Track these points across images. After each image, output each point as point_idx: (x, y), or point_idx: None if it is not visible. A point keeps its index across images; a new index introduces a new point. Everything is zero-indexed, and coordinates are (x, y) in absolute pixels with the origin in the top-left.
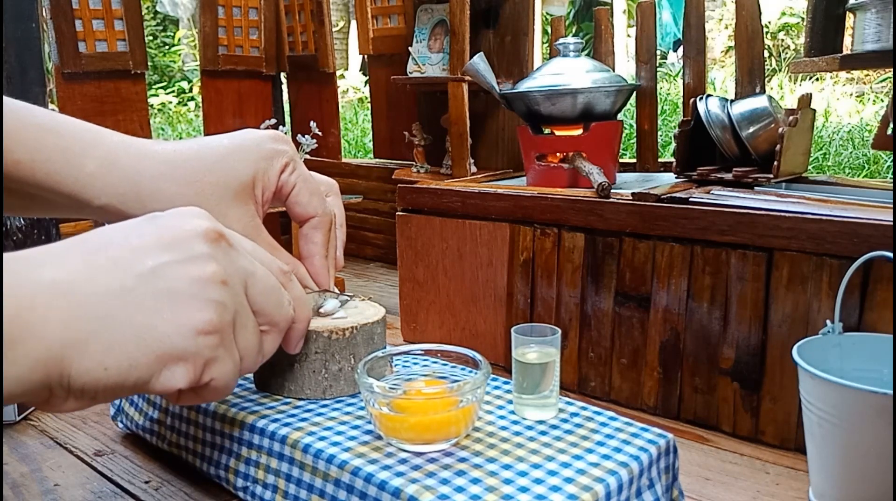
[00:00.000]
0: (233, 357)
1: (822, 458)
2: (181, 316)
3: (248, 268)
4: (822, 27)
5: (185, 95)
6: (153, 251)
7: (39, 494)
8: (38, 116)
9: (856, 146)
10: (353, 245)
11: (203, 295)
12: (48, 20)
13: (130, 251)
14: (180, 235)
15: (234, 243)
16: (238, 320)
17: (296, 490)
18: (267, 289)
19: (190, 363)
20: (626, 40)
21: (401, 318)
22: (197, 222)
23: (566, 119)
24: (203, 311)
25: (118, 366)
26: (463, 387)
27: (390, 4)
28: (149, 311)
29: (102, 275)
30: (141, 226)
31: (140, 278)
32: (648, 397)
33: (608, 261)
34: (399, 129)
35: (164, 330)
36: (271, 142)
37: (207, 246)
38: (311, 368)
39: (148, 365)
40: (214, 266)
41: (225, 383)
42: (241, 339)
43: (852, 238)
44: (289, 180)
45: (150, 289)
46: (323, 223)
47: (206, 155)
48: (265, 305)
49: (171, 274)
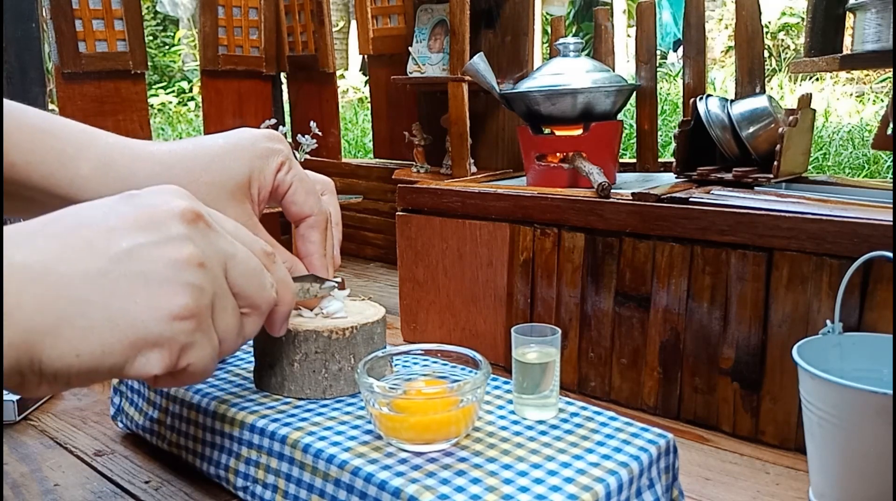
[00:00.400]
0: (211, 341)
1: (822, 458)
2: (156, 301)
3: (227, 250)
4: (822, 27)
5: (185, 95)
6: (129, 232)
7: (39, 494)
8: (31, 117)
9: (856, 146)
10: (353, 245)
11: (179, 278)
12: (48, 20)
13: (105, 232)
14: (157, 215)
15: (214, 224)
16: (217, 302)
17: (296, 489)
18: (248, 271)
19: (165, 349)
20: (626, 40)
21: (401, 318)
22: (175, 202)
23: (566, 119)
24: (179, 295)
25: (91, 352)
26: (463, 387)
27: (390, 4)
28: (123, 295)
29: (76, 257)
30: (117, 205)
31: (114, 260)
32: (648, 397)
33: (608, 261)
34: (399, 129)
35: (139, 315)
36: (267, 141)
37: (185, 227)
38: (311, 368)
39: (122, 351)
40: (191, 248)
41: (203, 367)
42: (221, 322)
43: (852, 238)
44: (284, 180)
45: (125, 272)
46: (319, 222)
47: (201, 155)
48: (246, 287)
49: (147, 256)
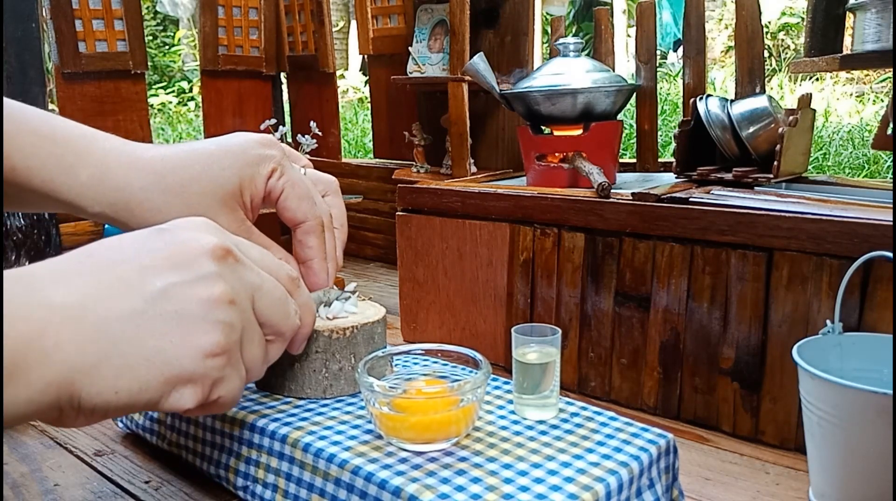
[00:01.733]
0: (239, 373)
1: (822, 458)
2: (190, 339)
3: (255, 282)
4: (822, 27)
5: (185, 95)
6: (162, 271)
7: (39, 494)
8: (33, 121)
9: (856, 146)
10: (353, 245)
11: (211, 317)
12: (48, 20)
13: (139, 271)
14: (189, 253)
15: (242, 257)
16: (245, 335)
17: (296, 489)
18: (273, 302)
19: (199, 385)
20: (626, 40)
21: (401, 318)
22: (205, 239)
23: (566, 119)
24: (211, 333)
25: (129, 389)
26: (463, 387)
27: (390, 4)
28: (158, 334)
29: (112, 297)
30: (149, 241)
31: (149, 300)
32: (648, 397)
33: (608, 261)
34: (399, 129)
35: (174, 353)
36: (258, 147)
37: (215, 265)
38: (312, 367)
39: (158, 388)
40: (222, 286)
41: (232, 398)
42: (248, 353)
43: (852, 238)
44: (276, 186)
45: (160, 312)
46: (314, 227)
47: (192, 163)
48: (271, 317)
49: (180, 296)
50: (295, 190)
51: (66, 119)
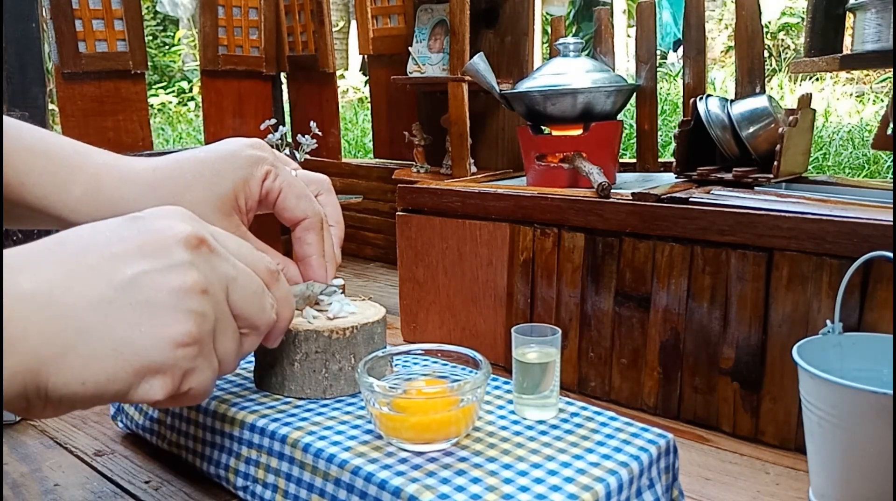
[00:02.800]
0: (211, 365)
1: (822, 458)
2: (160, 329)
3: (229, 273)
4: (822, 27)
5: (185, 95)
6: (133, 259)
7: (39, 494)
8: (27, 138)
9: (856, 146)
10: (353, 245)
11: (182, 306)
12: (48, 20)
13: (109, 259)
14: (161, 241)
15: (217, 247)
16: (218, 327)
17: (296, 489)
18: (248, 295)
19: (168, 375)
20: (626, 40)
21: (401, 318)
22: (179, 227)
23: (566, 119)
24: (182, 323)
25: (96, 380)
26: (463, 387)
27: (390, 4)
28: (127, 324)
29: (81, 285)
30: (121, 229)
31: (118, 288)
32: (648, 397)
33: (608, 261)
34: (399, 129)
35: (143, 344)
36: (249, 150)
37: (188, 253)
38: (312, 367)
39: (126, 378)
40: (195, 275)
41: (203, 390)
42: (221, 345)
43: (852, 238)
44: (273, 187)
45: (129, 301)
46: (314, 225)
47: (184, 173)
48: (246, 309)
49: (151, 284)
50: (292, 189)
51: (60, 136)
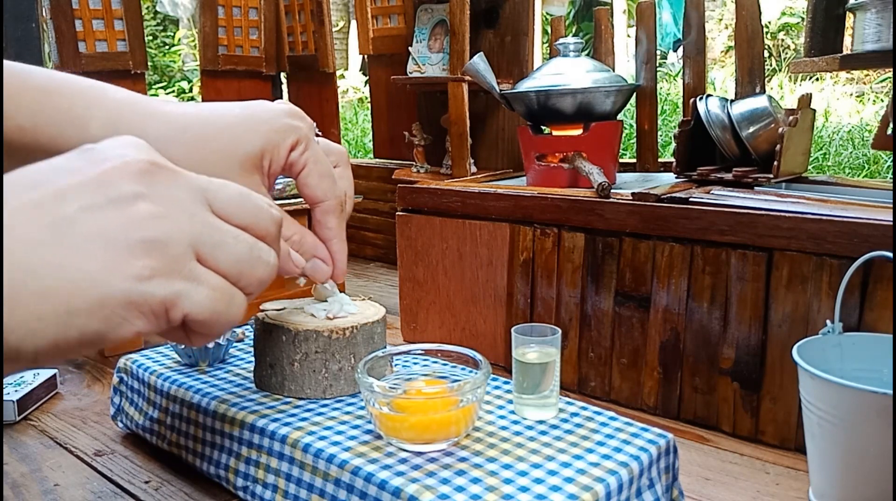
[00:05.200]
0: (207, 283)
1: (822, 458)
2: (114, 263)
3: (200, 184)
4: (822, 27)
5: (185, 95)
6: (78, 193)
7: (39, 494)
8: (37, 77)
9: (856, 146)
10: (353, 245)
11: (135, 237)
12: (48, 20)
13: (55, 194)
14: (109, 172)
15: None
16: (206, 241)
17: (296, 489)
18: (233, 196)
19: (144, 307)
20: (626, 40)
21: (401, 318)
22: (130, 155)
23: (566, 119)
24: (137, 255)
25: (55, 314)
26: (463, 387)
27: (390, 4)
28: (80, 258)
29: (24, 223)
30: (70, 161)
31: (66, 223)
32: (648, 397)
33: (608, 261)
34: (399, 129)
35: (99, 276)
36: (286, 117)
37: (139, 183)
38: (311, 367)
39: (89, 311)
40: (144, 204)
41: (209, 310)
42: (221, 257)
43: (852, 238)
44: (298, 160)
45: (78, 236)
46: (334, 207)
47: (215, 121)
48: (238, 214)
49: (99, 218)
50: (317, 167)
51: (73, 75)
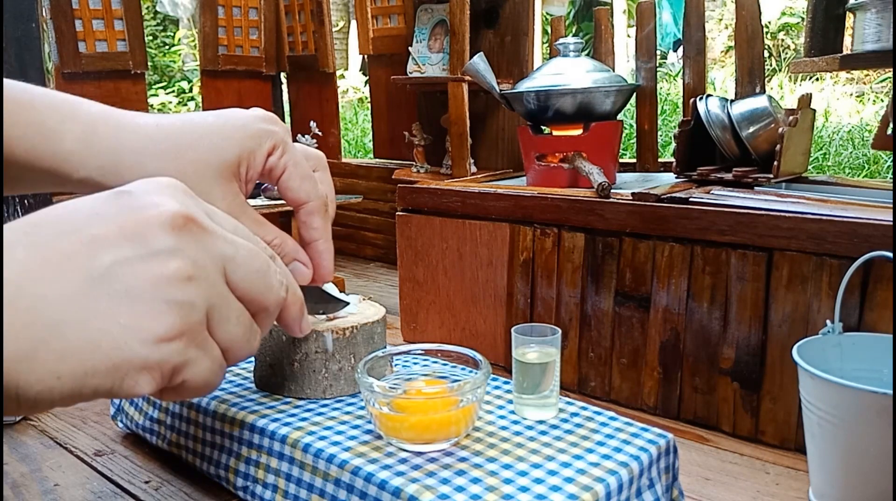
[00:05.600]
0: (210, 354)
1: (822, 458)
2: (140, 322)
3: (225, 252)
4: (822, 27)
5: (185, 95)
6: (111, 244)
7: (39, 494)
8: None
9: (856, 146)
10: (353, 245)
11: (164, 297)
12: (48, 20)
13: (87, 244)
14: (143, 222)
15: (210, 225)
16: (216, 313)
17: (296, 489)
18: (252, 272)
19: (155, 371)
20: (626, 40)
21: (401, 318)
22: (166, 205)
23: (566, 119)
24: (164, 315)
25: (73, 374)
26: (463, 387)
27: (390, 4)
28: (104, 315)
29: (54, 274)
30: (103, 206)
31: (95, 278)
32: (648, 397)
33: (608, 261)
34: (399, 129)
35: (122, 337)
36: (260, 122)
37: (173, 237)
38: (311, 367)
39: (106, 373)
40: (178, 262)
41: (204, 381)
42: (223, 332)
43: (852, 238)
44: (277, 164)
45: (106, 291)
46: (318, 208)
47: (190, 131)
48: (251, 290)
49: (129, 274)
50: (297, 169)
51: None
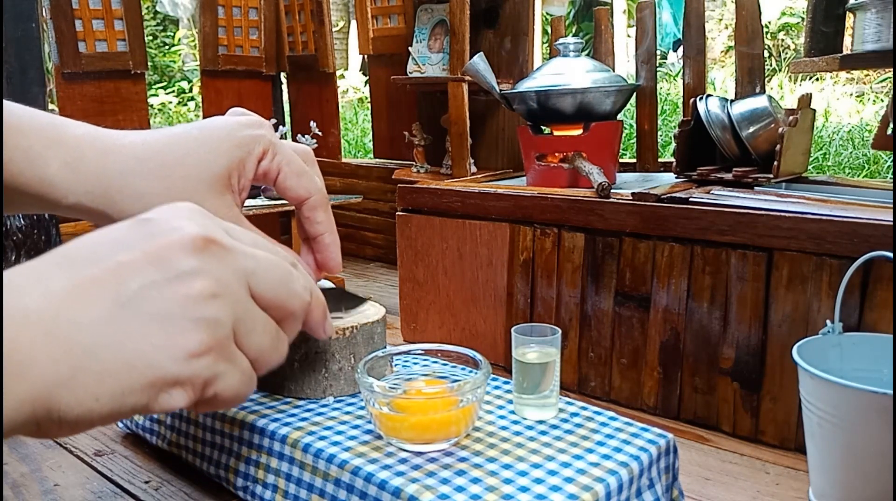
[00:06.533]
0: (239, 366)
1: (822, 458)
2: (171, 341)
3: (248, 267)
4: (822, 27)
5: (185, 95)
6: (139, 270)
7: (39, 494)
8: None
9: (856, 146)
10: (353, 245)
11: (193, 315)
12: (48, 20)
13: (115, 270)
14: (166, 247)
15: (230, 243)
16: (242, 326)
17: (296, 489)
18: (274, 283)
19: (188, 386)
20: (626, 40)
21: (401, 318)
22: (187, 229)
23: (566, 119)
24: (193, 333)
25: (111, 394)
26: (463, 387)
27: (390, 4)
28: (137, 337)
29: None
30: (129, 233)
31: (125, 303)
32: (648, 397)
33: (608, 261)
34: (399, 129)
35: (155, 356)
36: (245, 129)
37: (195, 258)
38: (311, 367)
39: (142, 391)
40: (202, 282)
41: (234, 392)
42: (251, 343)
43: (852, 238)
44: (271, 167)
45: (137, 314)
46: (320, 202)
47: (176, 148)
48: (275, 299)
49: (157, 296)
50: (292, 167)
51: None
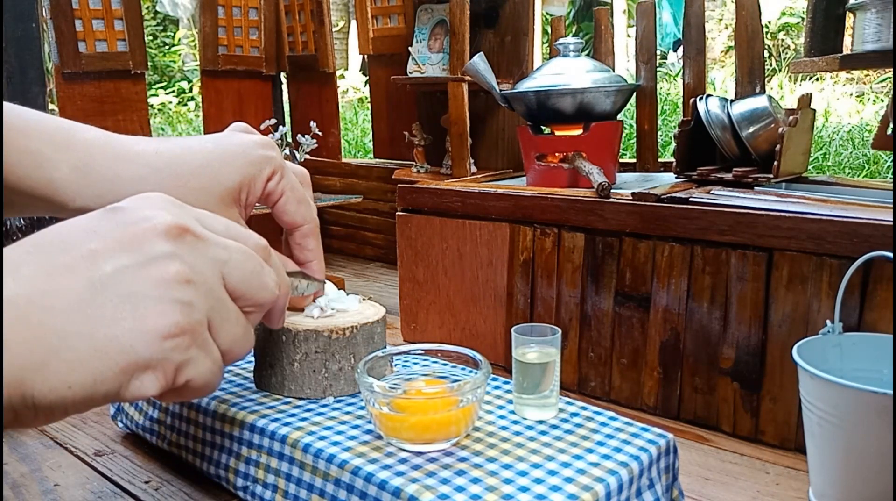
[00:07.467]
0: (210, 355)
1: (822, 458)
2: (144, 323)
3: (220, 256)
4: (822, 27)
5: (185, 95)
6: (112, 254)
7: (39, 494)
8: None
9: (856, 146)
10: (353, 245)
11: (167, 297)
12: (48, 20)
13: (87, 256)
14: (140, 233)
15: (203, 232)
16: (215, 315)
17: (296, 489)
18: (246, 274)
19: (159, 370)
20: (626, 40)
21: (401, 318)
22: (160, 217)
23: (566, 119)
24: (167, 314)
25: (83, 382)
26: (463, 387)
27: (390, 4)
28: (109, 321)
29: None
30: (99, 223)
31: (98, 287)
32: (648, 397)
33: (608, 261)
34: (399, 129)
35: (128, 341)
36: (259, 148)
37: (169, 244)
38: (311, 367)
39: (115, 377)
40: (177, 266)
41: (205, 381)
42: (223, 333)
43: (852, 238)
44: (276, 189)
45: (109, 297)
46: (312, 230)
47: (190, 159)
48: (246, 290)
49: (131, 278)
50: (294, 194)
51: (42, 113)
